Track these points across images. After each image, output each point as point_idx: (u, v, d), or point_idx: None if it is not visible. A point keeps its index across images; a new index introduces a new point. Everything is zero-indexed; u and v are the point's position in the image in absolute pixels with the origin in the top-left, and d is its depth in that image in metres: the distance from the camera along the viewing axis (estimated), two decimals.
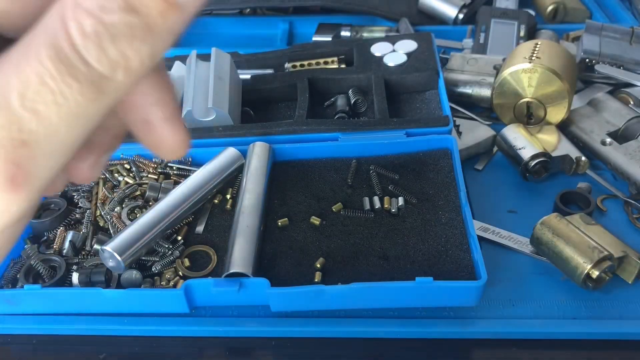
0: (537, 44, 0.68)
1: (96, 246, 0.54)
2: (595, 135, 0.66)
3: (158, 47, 0.18)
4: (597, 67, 0.71)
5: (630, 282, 0.52)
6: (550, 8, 0.93)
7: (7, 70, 0.17)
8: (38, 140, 0.17)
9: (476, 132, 0.69)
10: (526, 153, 0.62)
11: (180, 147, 0.22)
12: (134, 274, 0.51)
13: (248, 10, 1.00)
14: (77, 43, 0.17)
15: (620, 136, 0.66)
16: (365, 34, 0.88)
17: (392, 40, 0.75)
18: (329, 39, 0.87)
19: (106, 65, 0.17)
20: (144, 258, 0.53)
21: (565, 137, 0.67)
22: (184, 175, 0.61)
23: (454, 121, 0.67)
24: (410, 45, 0.74)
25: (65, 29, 0.17)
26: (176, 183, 0.59)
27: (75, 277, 0.52)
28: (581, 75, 0.75)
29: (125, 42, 0.17)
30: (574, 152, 0.64)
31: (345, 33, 0.88)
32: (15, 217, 0.18)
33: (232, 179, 0.60)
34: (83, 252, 0.55)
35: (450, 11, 0.92)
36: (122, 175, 0.61)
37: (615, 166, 0.63)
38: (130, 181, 0.60)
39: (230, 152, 0.60)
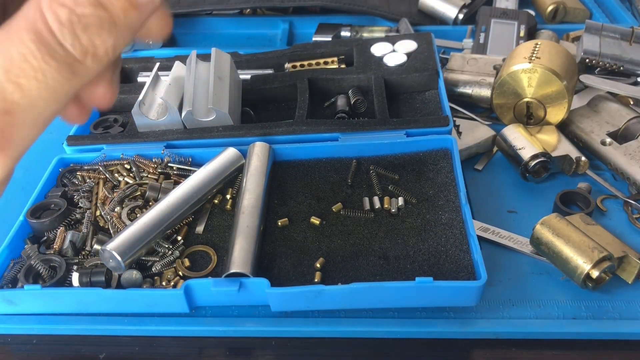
0: (537, 44, 0.68)
1: (96, 246, 0.54)
2: (595, 135, 0.66)
3: (120, 40, 0.22)
4: (581, 77, 0.71)
5: (630, 282, 0.52)
6: (550, 8, 0.93)
7: None
8: (19, 110, 0.20)
9: (476, 132, 0.69)
10: (526, 153, 0.62)
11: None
12: (134, 274, 0.51)
13: (248, 10, 1.00)
14: (54, 29, 0.20)
15: (620, 136, 0.66)
16: (365, 34, 0.88)
17: (392, 40, 0.75)
18: (329, 39, 0.87)
19: (79, 50, 0.20)
20: (144, 258, 0.53)
21: (565, 137, 0.67)
22: (184, 175, 0.61)
23: (454, 121, 0.67)
24: (410, 45, 0.74)
25: (43, 17, 0.20)
26: (176, 183, 0.59)
27: (75, 277, 0.52)
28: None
29: (95, 32, 0.21)
30: (574, 152, 0.64)
31: (345, 33, 0.88)
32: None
33: (232, 179, 0.60)
34: (83, 252, 0.55)
35: (450, 11, 0.92)
36: (122, 175, 0.61)
37: (615, 166, 0.63)
38: (130, 181, 0.60)
39: (230, 152, 0.60)
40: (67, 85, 0.21)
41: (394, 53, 0.73)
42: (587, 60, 0.75)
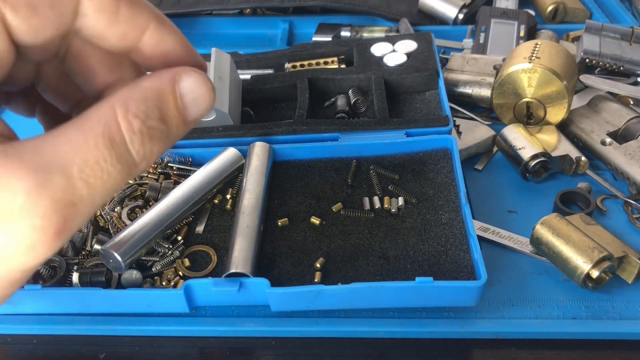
0: (537, 44, 0.68)
1: (96, 246, 0.54)
2: (595, 135, 0.66)
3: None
4: (581, 77, 0.71)
5: (630, 282, 0.52)
6: (550, 8, 0.93)
7: (69, 149, 0.23)
8: (83, 204, 0.23)
9: (476, 132, 0.69)
10: (526, 153, 0.62)
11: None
12: (134, 274, 0.51)
13: (248, 10, 1.00)
14: (126, 137, 0.24)
15: (620, 136, 0.66)
16: (365, 34, 0.88)
17: (392, 40, 0.75)
18: (329, 39, 0.87)
19: (141, 156, 0.24)
20: (144, 258, 0.53)
21: (565, 137, 0.67)
22: (184, 175, 0.61)
23: (454, 121, 0.67)
24: (410, 45, 0.74)
25: (117, 125, 0.24)
26: (176, 183, 0.59)
27: (75, 277, 0.52)
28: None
29: (155, 142, 0.25)
30: (574, 152, 0.64)
31: (345, 33, 0.88)
32: (45, 259, 0.23)
33: (232, 179, 0.60)
34: (83, 252, 0.55)
35: (450, 11, 0.92)
36: None
37: (615, 166, 0.63)
38: (130, 181, 0.60)
39: (230, 152, 0.60)
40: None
41: (394, 53, 0.73)
42: (587, 60, 0.75)
